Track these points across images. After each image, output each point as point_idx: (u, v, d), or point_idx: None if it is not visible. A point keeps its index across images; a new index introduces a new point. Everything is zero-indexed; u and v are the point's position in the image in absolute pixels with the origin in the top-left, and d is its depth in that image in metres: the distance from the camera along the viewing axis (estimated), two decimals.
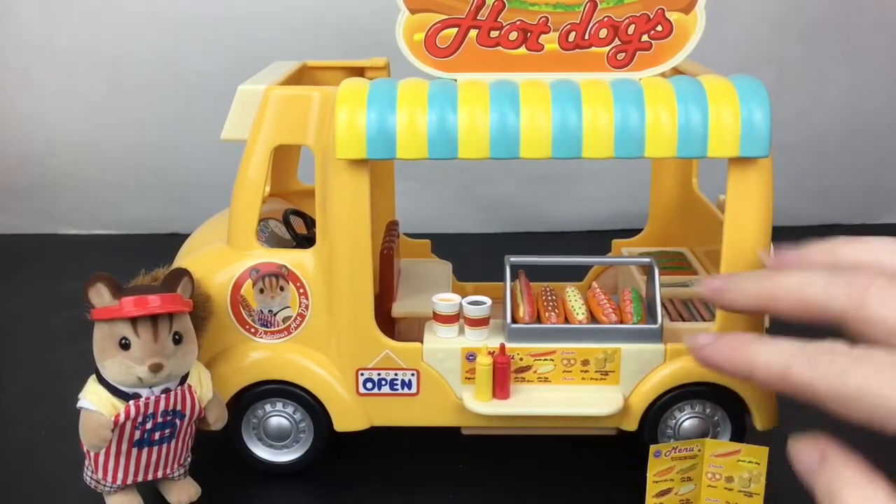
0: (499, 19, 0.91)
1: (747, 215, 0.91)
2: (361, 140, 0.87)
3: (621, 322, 0.96)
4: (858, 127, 1.77)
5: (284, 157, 1.20)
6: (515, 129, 0.86)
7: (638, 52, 0.92)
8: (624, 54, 0.92)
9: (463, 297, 0.98)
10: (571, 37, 0.91)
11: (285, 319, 0.96)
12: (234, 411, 0.97)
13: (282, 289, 0.95)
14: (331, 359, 0.96)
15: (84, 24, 1.65)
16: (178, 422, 0.89)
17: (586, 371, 0.96)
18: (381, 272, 1.03)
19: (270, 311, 0.96)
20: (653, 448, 0.86)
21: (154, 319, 0.85)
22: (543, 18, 0.91)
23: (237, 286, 0.96)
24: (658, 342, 0.95)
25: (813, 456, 0.49)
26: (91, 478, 0.90)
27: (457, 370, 0.96)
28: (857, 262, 0.59)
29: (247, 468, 1.00)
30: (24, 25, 1.65)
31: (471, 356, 0.95)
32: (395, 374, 0.96)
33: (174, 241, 1.12)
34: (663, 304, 1.01)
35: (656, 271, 0.97)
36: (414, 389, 0.97)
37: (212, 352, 0.97)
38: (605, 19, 0.91)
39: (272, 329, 0.97)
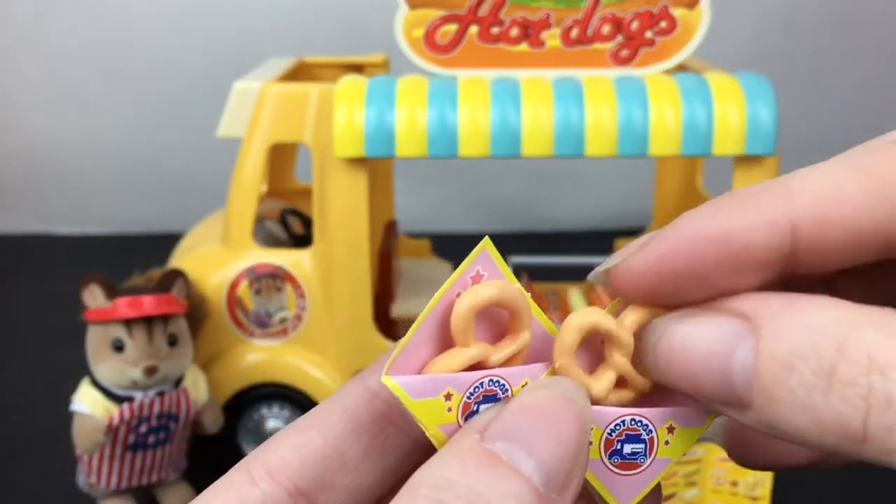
0: (500, 15, 0.89)
1: None
2: (360, 138, 0.85)
3: None
4: (866, 124, 1.75)
5: (281, 156, 1.18)
6: (517, 126, 0.84)
7: (641, 49, 0.90)
8: (627, 51, 0.90)
9: None
10: (574, 33, 0.90)
11: (282, 321, 0.95)
12: (231, 415, 0.96)
13: (279, 290, 0.94)
14: (329, 361, 0.95)
15: (78, 20, 1.63)
16: (172, 425, 0.87)
17: None
18: (380, 272, 1.02)
19: (267, 312, 0.95)
20: None
21: (148, 321, 0.83)
22: (545, 14, 0.89)
23: (233, 287, 0.94)
24: None
25: None
26: (85, 482, 0.88)
27: None
28: None
29: None
30: (18, 21, 1.64)
31: None
32: None
33: (169, 240, 1.10)
34: None
35: None
36: None
37: (207, 354, 0.95)
38: (609, 15, 0.89)
39: (269, 330, 0.95)
